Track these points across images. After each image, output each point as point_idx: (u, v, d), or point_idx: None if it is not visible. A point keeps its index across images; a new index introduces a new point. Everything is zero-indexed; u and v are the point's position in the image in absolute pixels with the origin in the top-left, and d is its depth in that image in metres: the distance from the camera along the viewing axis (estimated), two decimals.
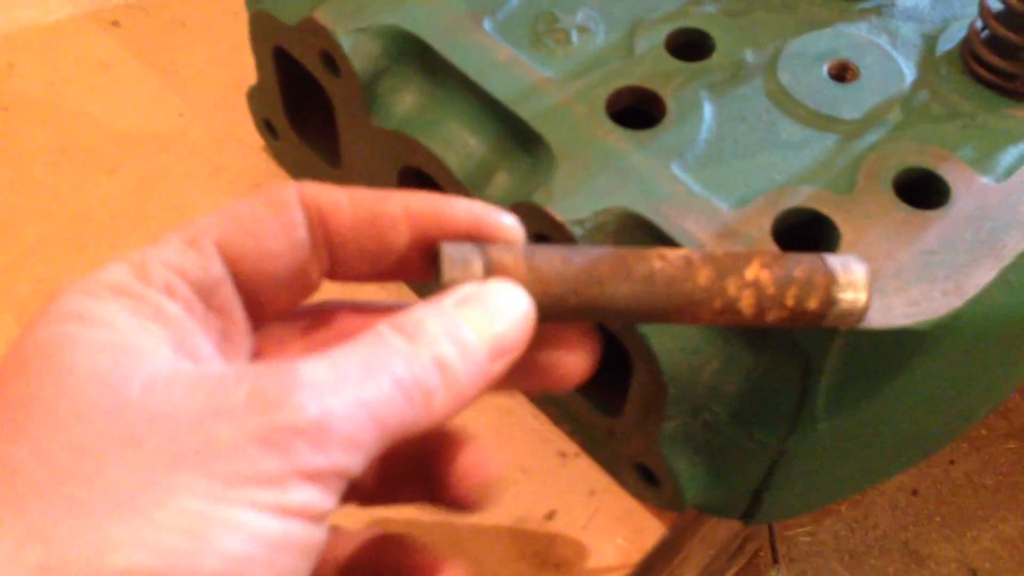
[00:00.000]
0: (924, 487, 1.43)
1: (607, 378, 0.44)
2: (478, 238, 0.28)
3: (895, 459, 0.45)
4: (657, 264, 0.30)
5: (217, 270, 0.26)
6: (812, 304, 0.31)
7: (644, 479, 0.44)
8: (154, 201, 0.55)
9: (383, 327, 0.25)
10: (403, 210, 0.28)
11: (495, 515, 0.46)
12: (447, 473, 0.30)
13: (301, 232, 0.27)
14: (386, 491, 0.32)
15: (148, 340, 0.24)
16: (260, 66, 0.50)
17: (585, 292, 0.29)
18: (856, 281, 0.31)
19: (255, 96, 0.54)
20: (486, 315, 0.26)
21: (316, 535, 0.23)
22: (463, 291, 0.27)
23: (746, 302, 0.30)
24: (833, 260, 0.31)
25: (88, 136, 0.57)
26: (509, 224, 0.29)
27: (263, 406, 0.22)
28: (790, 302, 0.31)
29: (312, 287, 0.29)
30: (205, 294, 0.26)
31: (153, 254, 0.26)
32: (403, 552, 0.32)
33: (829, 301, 0.31)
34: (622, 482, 0.47)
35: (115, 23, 0.62)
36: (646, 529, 0.46)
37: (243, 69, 0.52)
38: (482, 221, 0.28)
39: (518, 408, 0.49)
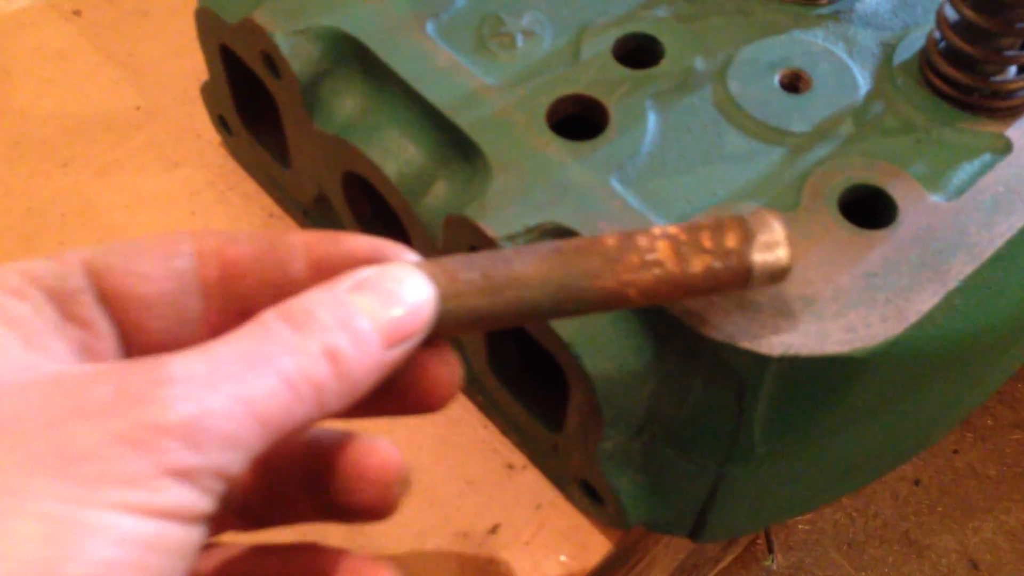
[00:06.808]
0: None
1: (551, 392, 0.43)
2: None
3: (843, 481, 0.44)
4: (561, 243, 0.29)
5: (76, 281, 0.26)
6: (731, 242, 0.30)
7: (588, 495, 0.43)
8: (107, 196, 0.54)
9: (268, 315, 0.24)
10: (302, 242, 0.28)
11: (437, 528, 0.45)
12: (344, 478, 0.28)
13: (182, 262, 0.27)
14: (273, 510, 0.30)
15: None
16: (209, 62, 0.49)
17: (495, 275, 0.27)
18: (767, 221, 0.31)
19: (208, 91, 0.53)
20: (382, 300, 0.25)
21: (192, 535, 0.22)
22: (359, 275, 0.26)
23: (663, 253, 0.29)
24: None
25: (42, 129, 0.56)
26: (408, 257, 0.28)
27: (128, 404, 0.21)
28: (707, 243, 0.30)
29: (193, 320, 0.28)
30: (60, 301, 0.25)
31: (9, 264, 0.25)
32: (316, 560, 0.30)
33: (748, 236, 0.30)
34: (568, 497, 0.46)
35: (76, 12, 0.61)
36: (591, 545, 0.45)
37: (203, 61, 0.51)
38: (379, 250, 0.27)
39: (467, 417, 0.48)
